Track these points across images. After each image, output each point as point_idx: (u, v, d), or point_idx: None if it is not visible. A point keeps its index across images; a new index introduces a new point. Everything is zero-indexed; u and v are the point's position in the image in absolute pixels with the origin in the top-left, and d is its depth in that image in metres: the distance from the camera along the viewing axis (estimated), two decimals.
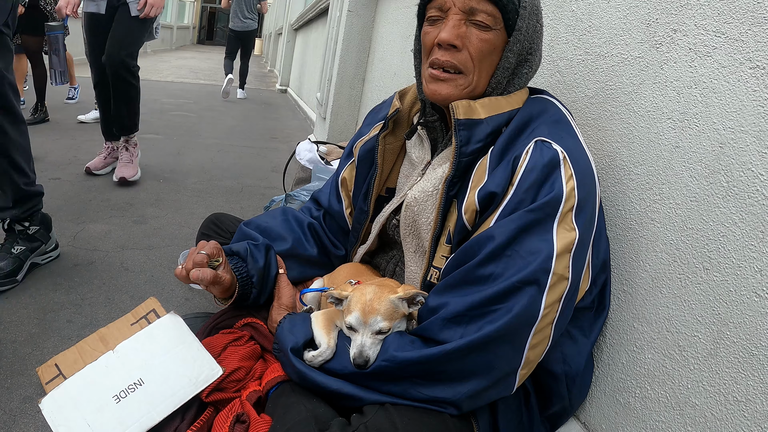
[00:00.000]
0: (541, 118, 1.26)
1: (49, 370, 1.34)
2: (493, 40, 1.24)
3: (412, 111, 1.49)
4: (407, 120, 1.49)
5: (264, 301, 1.50)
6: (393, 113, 1.44)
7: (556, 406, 1.34)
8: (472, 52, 1.24)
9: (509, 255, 1.12)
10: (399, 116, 1.47)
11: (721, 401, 1.10)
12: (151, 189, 3.90)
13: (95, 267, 2.61)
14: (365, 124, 1.62)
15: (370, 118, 1.62)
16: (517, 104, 1.30)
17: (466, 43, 1.23)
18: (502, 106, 1.28)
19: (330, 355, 1.22)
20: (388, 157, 1.50)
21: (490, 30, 1.23)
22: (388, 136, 1.48)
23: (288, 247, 1.58)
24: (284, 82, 12.79)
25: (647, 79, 1.36)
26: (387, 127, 1.46)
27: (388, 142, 1.48)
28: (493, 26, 1.23)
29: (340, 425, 1.10)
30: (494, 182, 1.19)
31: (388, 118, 1.45)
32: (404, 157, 1.50)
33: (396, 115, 1.46)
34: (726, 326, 1.10)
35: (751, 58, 1.10)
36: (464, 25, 1.23)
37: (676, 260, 1.23)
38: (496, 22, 1.23)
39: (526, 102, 1.32)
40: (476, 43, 1.23)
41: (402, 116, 1.48)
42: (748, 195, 1.08)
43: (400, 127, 1.49)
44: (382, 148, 1.47)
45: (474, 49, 1.23)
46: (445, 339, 1.12)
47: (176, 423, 1.23)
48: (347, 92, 4.82)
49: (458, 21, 1.23)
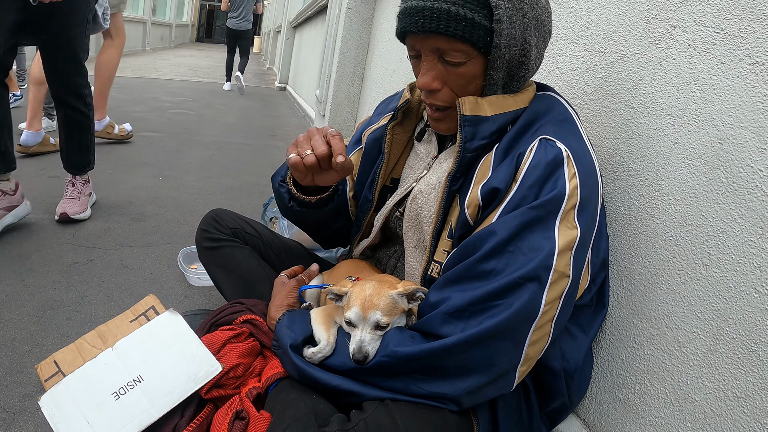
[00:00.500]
0: (546, 116, 1.26)
1: (48, 367, 1.34)
2: (471, 70, 1.23)
3: (421, 104, 1.49)
4: (416, 111, 1.50)
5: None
6: (403, 104, 1.45)
7: (556, 403, 1.34)
8: (453, 88, 1.25)
9: (511, 251, 1.12)
10: (408, 107, 1.48)
11: (721, 397, 1.10)
12: (150, 186, 3.90)
13: (94, 265, 2.60)
14: (376, 113, 1.63)
15: (382, 108, 1.63)
16: (523, 103, 1.30)
17: (445, 81, 1.24)
18: (509, 105, 1.27)
19: (329, 352, 1.22)
20: (395, 147, 1.50)
21: (465, 63, 1.22)
22: (396, 127, 1.48)
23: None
24: (283, 80, 12.78)
25: (646, 76, 1.36)
26: (396, 117, 1.47)
27: (396, 132, 1.49)
28: (468, 58, 1.21)
29: (339, 421, 1.10)
30: (498, 178, 1.19)
31: (398, 109, 1.46)
32: (411, 149, 1.50)
33: (406, 106, 1.46)
34: (725, 322, 1.10)
35: (751, 54, 1.10)
36: (439, 64, 1.23)
37: (676, 256, 1.23)
38: (469, 53, 1.20)
39: (532, 100, 1.31)
40: (455, 80, 1.24)
41: (412, 108, 1.48)
42: (747, 191, 1.08)
43: (409, 118, 1.49)
44: (390, 138, 1.48)
45: (454, 86, 1.25)
46: (445, 333, 1.12)
47: (175, 420, 1.23)
48: (346, 89, 4.82)
49: (432, 63, 1.24)
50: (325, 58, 5.45)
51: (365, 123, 1.65)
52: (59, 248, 2.72)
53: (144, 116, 6.68)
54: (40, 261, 2.57)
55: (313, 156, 1.27)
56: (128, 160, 4.52)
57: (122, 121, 5.30)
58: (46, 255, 2.64)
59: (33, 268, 2.49)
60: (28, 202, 2.94)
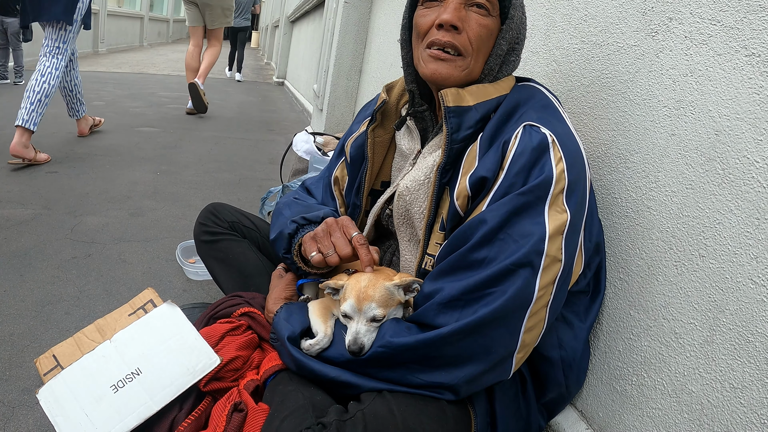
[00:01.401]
0: (528, 103, 1.27)
1: (47, 361, 1.34)
2: (490, 25, 1.26)
3: (400, 103, 1.50)
4: (395, 112, 1.50)
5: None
6: (380, 105, 1.46)
7: (553, 393, 1.35)
8: (471, 35, 1.25)
9: (502, 238, 1.12)
10: (387, 108, 1.48)
11: (718, 388, 1.11)
12: (148, 181, 3.90)
13: (93, 259, 2.61)
14: (355, 122, 1.63)
15: (360, 116, 1.64)
16: (504, 90, 1.31)
17: (465, 27, 1.25)
18: (490, 93, 1.29)
19: (327, 344, 1.22)
20: (378, 150, 1.50)
21: (489, 15, 1.26)
22: (377, 129, 1.49)
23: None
24: (281, 75, 12.76)
25: (643, 68, 1.36)
26: (375, 119, 1.47)
27: (377, 134, 1.49)
28: (491, 12, 1.26)
29: (337, 412, 1.11)
30: (485, 167, 1.20)
31: (376, 110, 1.46)
32: (395, 149, 1.50)
33: (384, 107, 1.47)
34: (722, 313, 1.11)
35: (747, 46, 1.10)
36: (464, 9, 1.25)
37: (672, 248, 1.23)
38: (494, 8, 1.26)
39: (513, 89, 1.33)
40: (475, 28, 1.25)
41: (390, 108, 1.49)
42: (743, 182, 1.08)
43: (388, 119, 1.50)
44: (372, 141, 1.48)
45: (473, 33, 1.25)
46: (441, 323, 1.13)
47: (174, 413, 1.23)
48: (344, 83, 4.81)
49: (458, 4, 1.24)
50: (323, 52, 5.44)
51: (346, 134, 1.65)
52: (57, 243, 2.73)
53: (142, 111, 6.67)
54: (38, 256, 2.57)
55: (336, 257, 1.29)
56: (126, 156, 4.52)
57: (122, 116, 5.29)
58: (44, 250, 2.64)
59: (31, 263, 2.50)
60: None
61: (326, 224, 1.34)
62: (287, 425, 1.10)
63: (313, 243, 1.33)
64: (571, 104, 1.59)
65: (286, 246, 1.45)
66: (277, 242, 1.50)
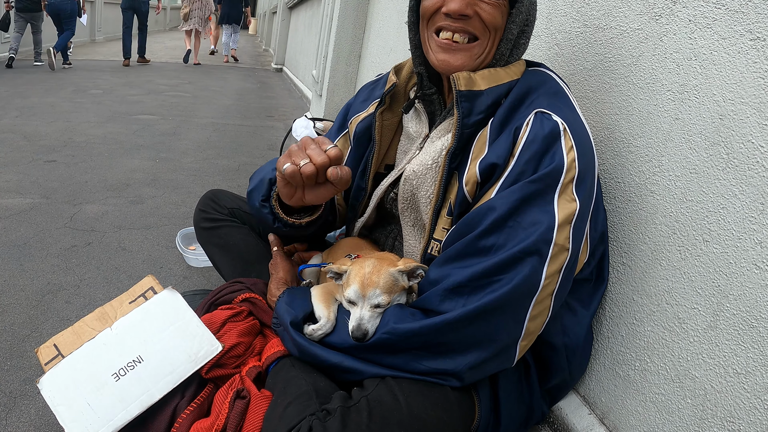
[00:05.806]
0: (540, 89, 1.25)
1: (48, 350, 1.34)
2: (500, 9, 1.22)
3: (408, 85, 1.48)
4: (404, 95, 1.48)
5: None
6: (390, 88, 1.43)
7: (557, 379, 1.35)
8: (485, 18, 1.21)
9: (511, 226, 1.11)
10: (395, 91, 1.46)
11: (721, 373, 1.11)
12: (147, 169, 3.88)
13: (92, 248, 2.60)
14: (360, 100, 1.59)
15: (366, 94, 1.59)
16: (515, 75, 1.29)
17: (476, 11, 1.21)
18: (501, 78, 1.27)
19: (330, 329, 1.22)
20: (386, 133, 1.48)
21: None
22: (385, 112, 1.47)
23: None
24: (279, 61, 12.69)
25: (646, 51, 1.34)
26: (384, 102, 1.45)
27: (385, 118, 1.47)
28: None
29: (341, 398, 1.10)
30: (495, 153, 1.19)
31: (385, 93, 1.43)
32: (402, 132, 1.49)
33: (393, 90, 1.44)
34: (726, 298, 1.10)
35: (752, 30, 1.09)
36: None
37: (676, 232, 1.23)
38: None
39: (524, 74, 1.31)
40: (489, 10, 1.21)
41: (398, 91, 1.46)
42: (748, 167, 1.07)
43: (396, 102, 1.47)
44: (380, 125, 1.46)
45: (487, 16, 1.21)
46: (446, 309, 1.12)
47: (176, 400, 1.23)
48: (343, 69, 4.79)
49: None
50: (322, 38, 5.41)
51: (350, 109, 1.62)
52: (57, 232, 2.72)
53: (140, 99, 6.64)
54: (38, 245, 2.56)
55: (312, 165, 1.17)
56: (125, 143, 4.50)
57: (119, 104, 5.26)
58: (44, 239, 2.63)
59: (31, 252, 2.49)
60: None
61: (302, 141, 1.25)
62: (291, 411, 1.10)
63: (287, 158, 1.22)
64: (573, 88, 1.58)
65: (266, 192, 1.41)
66: (254, 193, 1.45)
